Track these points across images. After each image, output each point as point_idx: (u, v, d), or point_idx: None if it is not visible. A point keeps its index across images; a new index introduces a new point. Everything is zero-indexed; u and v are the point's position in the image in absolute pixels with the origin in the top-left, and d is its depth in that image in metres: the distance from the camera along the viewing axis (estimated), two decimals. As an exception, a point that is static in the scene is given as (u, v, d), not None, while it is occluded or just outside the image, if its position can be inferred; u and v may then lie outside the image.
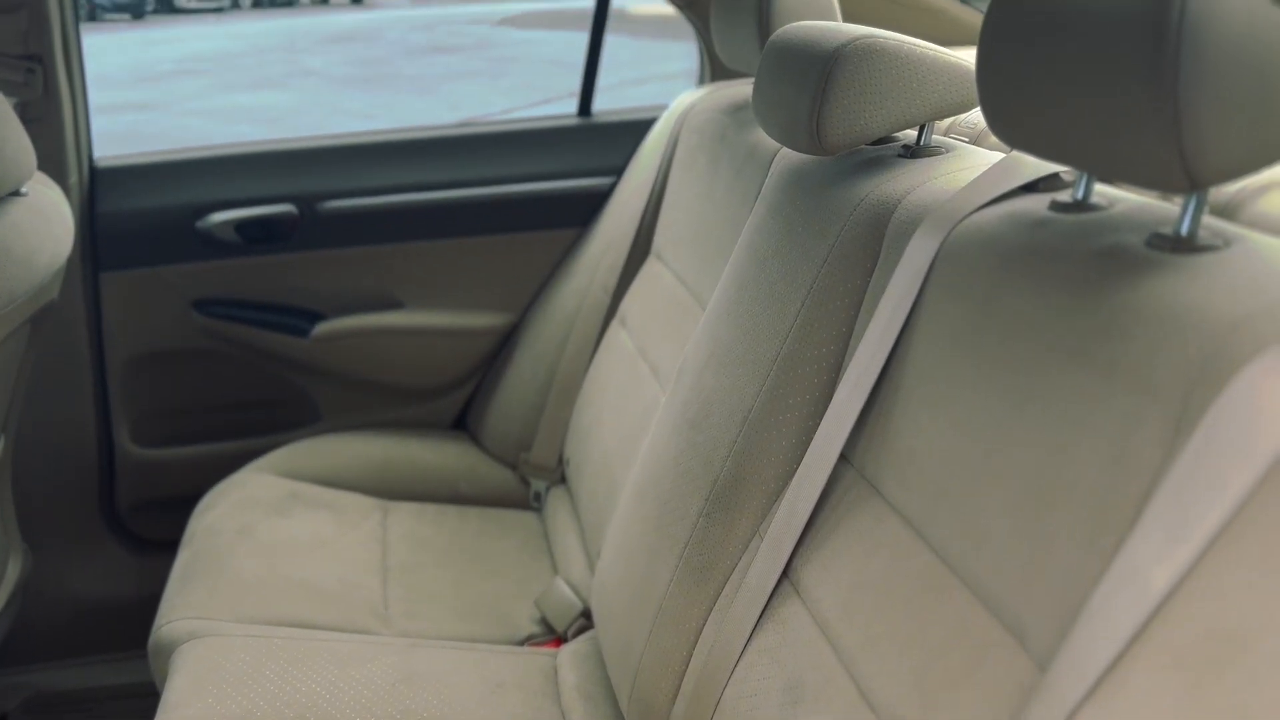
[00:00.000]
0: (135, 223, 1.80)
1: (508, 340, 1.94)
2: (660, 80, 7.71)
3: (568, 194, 1.91)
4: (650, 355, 1.48)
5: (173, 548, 1.64)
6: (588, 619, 1.41)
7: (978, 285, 0.81)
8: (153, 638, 1.35)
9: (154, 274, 1.82)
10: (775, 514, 1.00)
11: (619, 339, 1.62)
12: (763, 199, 1.19)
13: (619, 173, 1.90)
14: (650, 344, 1.49)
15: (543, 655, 1.35)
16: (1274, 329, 0.59)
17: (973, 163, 1.00)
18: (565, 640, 1.40)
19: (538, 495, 1.77)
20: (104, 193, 1.79)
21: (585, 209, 1.91)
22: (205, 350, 1.88)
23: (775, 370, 1.03)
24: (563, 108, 2.07)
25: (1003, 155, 0.94)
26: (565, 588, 1.45)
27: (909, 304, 0.88)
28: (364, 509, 1.65)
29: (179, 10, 14.01)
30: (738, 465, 1.04)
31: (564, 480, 1.74)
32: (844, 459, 0.94)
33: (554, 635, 1.43)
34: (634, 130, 1.92)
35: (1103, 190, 0.82)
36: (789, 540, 0.95)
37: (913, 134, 1.09)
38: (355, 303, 1.90)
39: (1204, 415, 0.59)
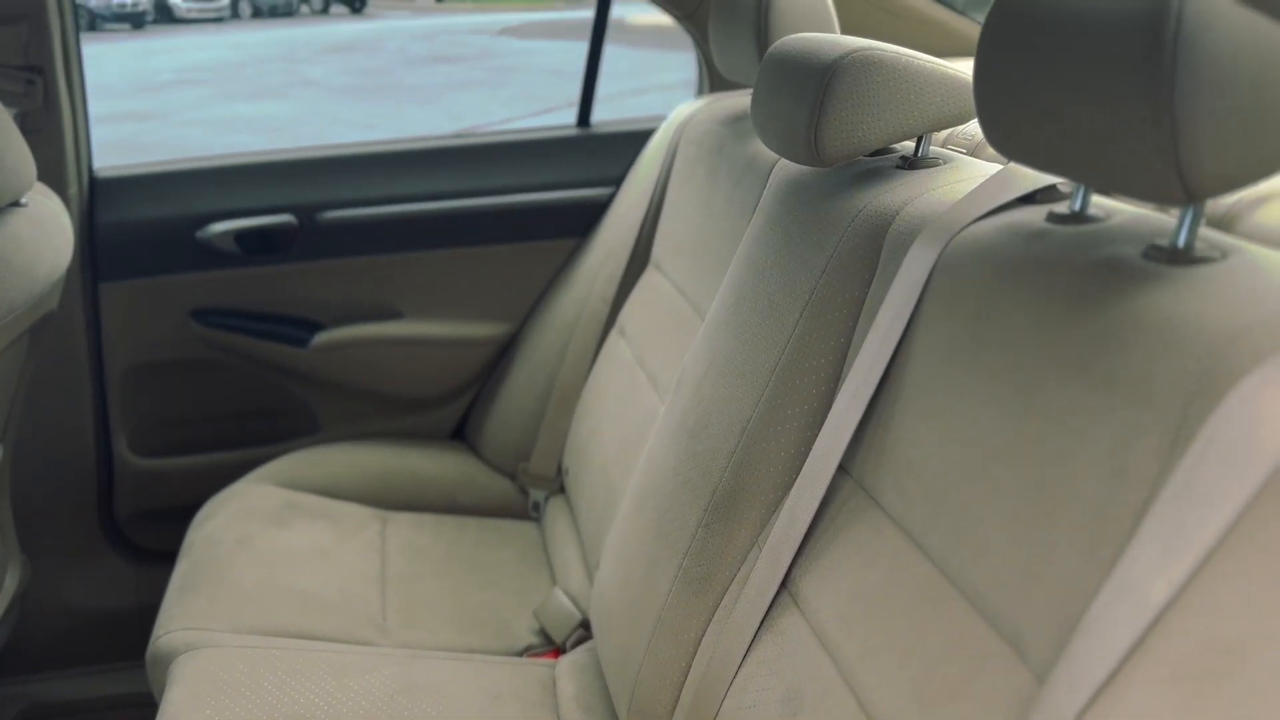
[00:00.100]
0: (135, 233, 1.80)
1: (506, 350, 1.95)
2: (659, 91, 7.73)
3: (567, 204, 1.91)
4: (649, 365, 1.48)
5: (171, 558, 1.64)
6: (586, 629, 1.41)
7: (975, 296, 0.81)
8: (151, 648, 1.34)
9: (153, 284, 1.82)
10: (774, 524, 1.00)
11: (618, 349, 1.62)
12: (761, 210, 1.19)
13: (618, 183, 1.91)
14: (649, 354, 1.50)
15: (541, 666, 1.35)
16: (1271, 341, 0.59)
17: (970, 174, 1.01)
18: (564, 651, 1.40)
19: (536, 505, 1.77)
20: (104, 203, 1.79)
21: (584, 219, 1.91)
22: (204, 360, 1.88)
23: (774, 381, 1.03)
24: (563, 117, 2.07)
25: (1000, 167, 0.94)
26: (564, 598, 1.45)
27: (907, 315, 0.88)
28: (362, 519, 1.65)
29: (179, 20, 14.04)
30: (736, 475, 1.04)
31: (563, 490, 1.74)
32: (842, 469, 0.94)
33: (552, 646, 1.43)
34: (633, 141, 1.92)
35: (1100, 202, 0.82)
36: (788, 551, 0.95)
37: (910, 145, 1.09)
38: (354, 313, 1.90)
39: (1202, 427, 0.59)
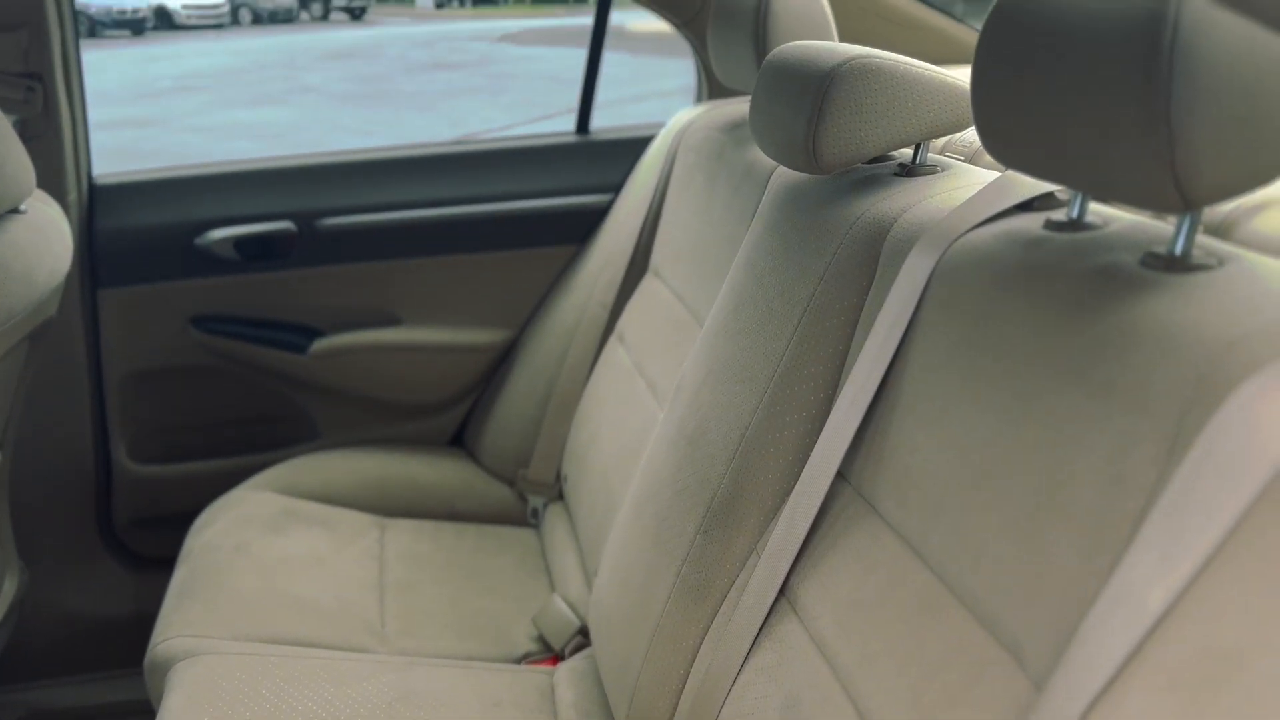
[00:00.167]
0: (134, 239, 1.80)
1: (506, 357, 1.95)
2: (658, 97, 7.74)
3: (566, 211, 1.92)
4: (648, 372, 1.48)
5: (169, 565, 1.64)
6: (585, 637, 1.41)
7: (973, 304, 0.81)
8: (149, 655, 1.34)
9: (152, 290, 1.82)
10: (772, 531, 1.00)
11: (617, 355, 1.62)
12: (759, 217, 1.19)
13: (617, 190, 1.91)
14: (648, 360, 1.50)
15: (540, 673, 1.34)
16: (1268, 349, 0.59)
17: (968, 181, 1.01)
18: (562, 658, 1.40)
19: (535, 512, 1.76)
20: (103, 209, 1.79)
21: (583, 226, 1.92)
22: (203, 367, 1.88)
23: (772, 387, 1.03)
24: (562, 123, 2.08)
25: (998, 174, 0.94)
26: (562, 605, 1.45)
27: (905, 322, 0.88)
28: (361, 526, 1.65)
29: (179, 27, 14.05)
30: (735, 482, 1.04)
31: (561, 497, 1.74)
32: (841, 476, 0.94)
33: (551, 653, 1.42)
34: (632, 148, 1.92)
35: (1097, 209, 0.82)
36: (786, 558, 0.95)
37: (908, 153, 1.10)
38: (353, 319, 1.90)
39: (1199, 434, 0.59)
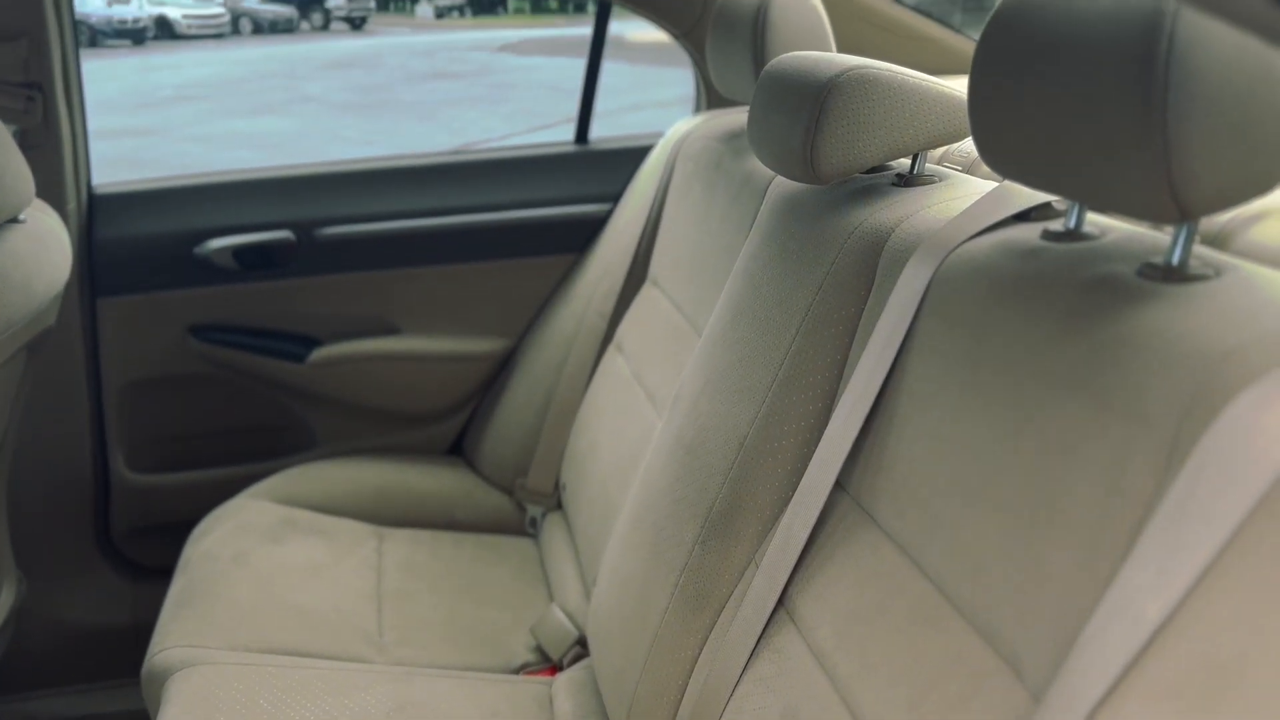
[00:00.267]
0: (133, 248, 1.80)
1: (504, 366, 1.95)
2: (656, 107, 7.75)
3: (564, 220, 1.92)
4: (646, 381, 1.48)
5: (168, 574, 1.63)
6: (583, 647, 1.40)
7: (970, 314, 0.81)
8: (146, 666, 1.34)
9: (151, 300, 1.82)
10: (771, 541, 1.00)
11: (615, 364, 1.62)
12: (758, 226, 1.20)
13: (615, 199, 1.91)
14: (646, 369, 1.50)
15: (538, 684, 1.34)
16: (1265, 359, 0.59)
17: (965, 192, 1.01)
18: (561, 668, 1.40)
19: (534, 521, 1.76)
20: (102, 219, 1.79)
21: (582, 235, 1.92)
22: (202, 376, 1.88)
23: (770, 397, 1.03)
24: (561, 133, 2.08)
25: (995, 184, 0.94)
26: (561, 615, 1.45)
27: (903, 332, 0.88)
28: (359, 535, 1.64)
29: (179, 36, 14.07)
30: (733, 492, 1.04)
31: (560, 506, 1.74)
32: (839, 486, 0.94)
33: (549, 663, 1.42)
34: (630, 157, 1.92)
35: (1094, 219, 0.83)
36: (784, 568, 0.95)
37: (906, 163, 1.10)
38: (352, 328, 1.90)
39: (1196, 445, 0.59)
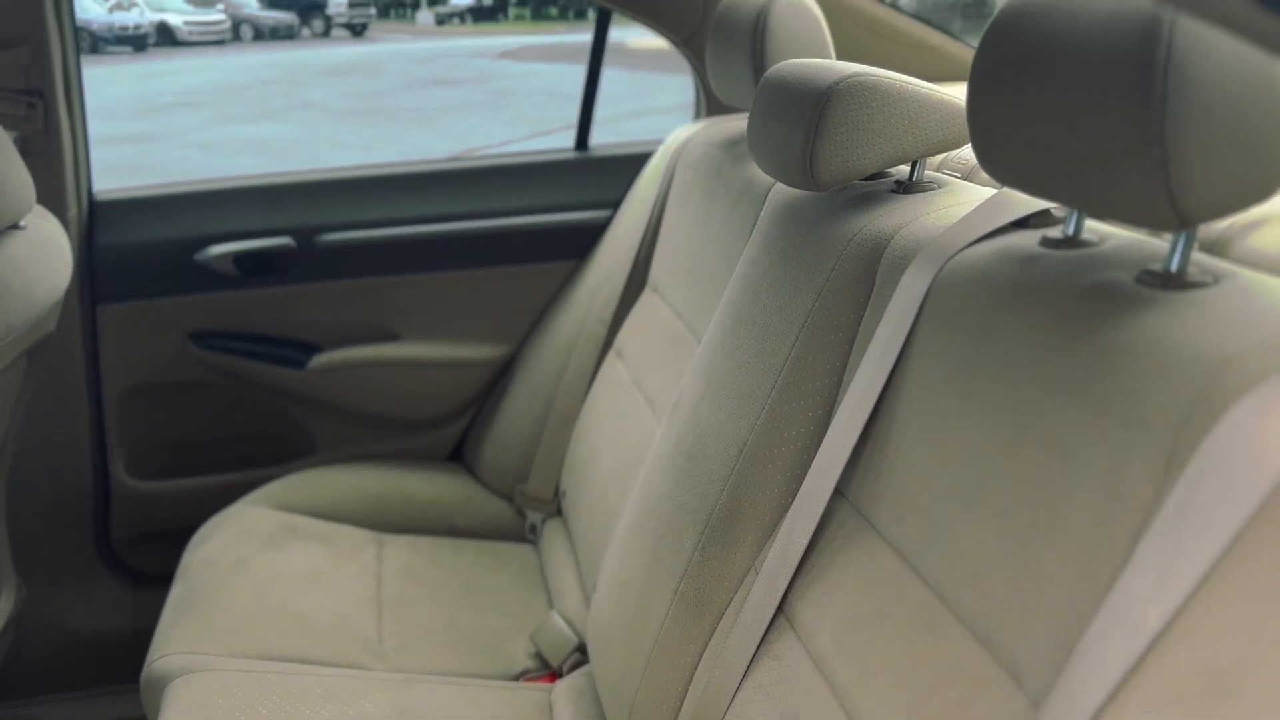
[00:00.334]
0: (133, 255, 1.80)
1: (504, 372, 1.95)
2: (656, 113, 7.76)
3: (564, 227, 1.92)
4: (646, 387, 1.48)
5: (167, 581, 1.63)
6: (583, 653, 1.40)
7: (970, 321, 0.81)
8: (145, 672, 1.34)
9: (151, 306, 1.82)
10: (770, 548, 1.00)
11: (615, 371, 1.62)
12: (757, 233, 1.20)
13: (615, 206, 1.91)
14: (646, 376, 1.50)
15: (538, 690, 1.34)
16: (1264, 366, 0.60)
17: (965, 198, 1.01)
18: (560, 675, 1.40)
19: (533, 527, 1.76)
20: (103, 225, 1.79)
21: (582, 242, 1.92)
22: (202, 382, 1.88)
23: (770, 403, 1.03)
24: (561, 139, 2.08)
25: (994, 191, 0.95)
26: (560, 622, 1.45)
27: (902, 339, 0.88)
28: (359, 542, 1.64)
29: (180, 43, 14.09)
30: (733, 498, 1.04)
31: (560, 512, 1.74)
32: (839, 493, 0.94)
33: (549, 670, 1.42)
34: (630, 164, 1.93)
35: (1093, 226, 0.83)
36: (784, 575, 0.94)
37: (905, 169, 1.10)
38: (352, 335, 1.90)
39: (1195, 451, 0.59)
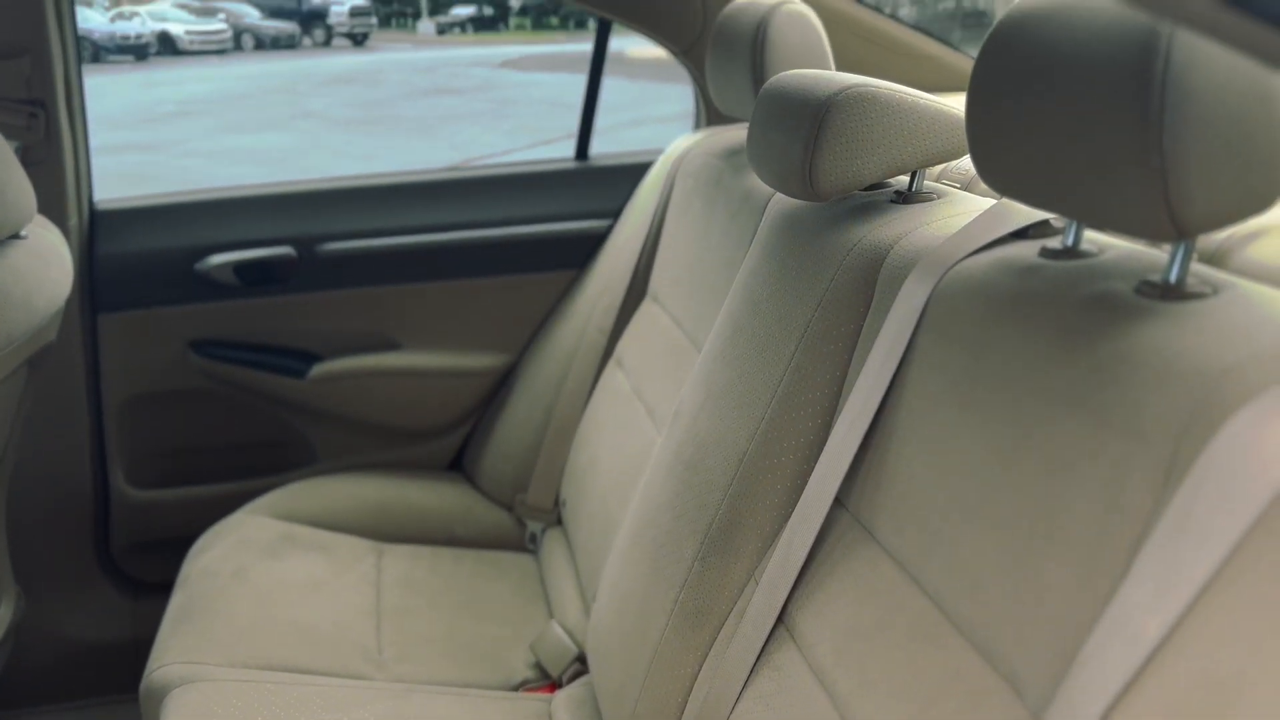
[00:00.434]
0: (134, 264, 1.80)
1: (504, 381, 1.95)
2: (656, 122, 7.78)
3: (565, 236, 1.92)
4: (646, 396, 1.48)
5: (167, 590, 1.63)
6: (583, 663, 1.40)
7: (969, 331, 0.81)
8: (144, 682, 1.33)
9: (152, 315, 1.82)
10: (770, 558, 0.99)
11: (615, 380, 1.62)
12: (757, 243, 1.20)
13: (616, 216, 1.92)
14: (646, 385, 1.50)
15: (537, 701, 1.34)
16: (1262, 376, 0.60)
17: (964, 209, 1.01)
18: (560, 685, 1.39)
19: (533, 537, 1.76)
20: (104, 234, 1.80)
21: (582, 251, 1.92)
22: (202, 391, 1.88)
23: (770, 413, 1.03)
24: (562, 148, 2.09)
25: (994, 202, 0.95)
26: (560, 632, 1.44)
27: (901, 349, 0.89)
28: (358, 551, 1.64)
29: (181, 52, 14.14)
30: (733, 508, 1.04)
31: (560, 522, 1.74)
32: (838, 503, 0.94)
33: (549, 680, 1.42)
34: (630, 174, 1.93)
35: (1092, 237, 0.83)
36: (784, 585, 0.94)
37: (905, 180, 1.10)
38: (352, 344, 1.90)
39: (1194, 462, 0.59)
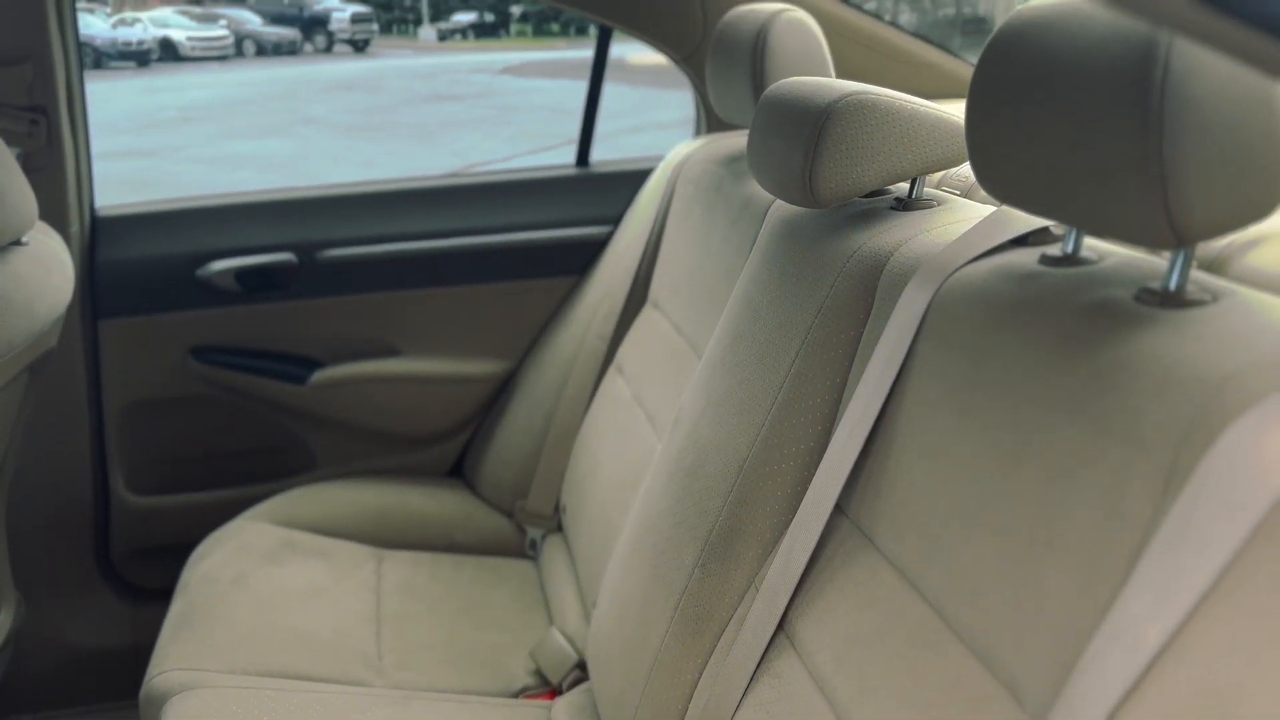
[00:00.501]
0: (135, 271, 1.81)
1: (505, 388, 1.95)
2: (656, 129, 7.79)
3: (565, 243, 1.92)
4: (646, 403, 1.48)
5: (167, 596, 1.63)
6: (583, 670, 1.40)
7: (969, 338, 0.81)
8: (144, 688, 1.33)
9: (153, 322, 1.82)
10: (771, 565, 0.99)
11: (615, 387, 1.62)
12: (757, 249, 1.20)
13: (616, 222, 1.92)
14: (647, 392, 1.50)
15: (537, 708, 1.33)
16: (1262, 384, 0.60)
17: (964, 216, 1.01)
18: (560, 692, 1.39)
19: (534, 543, 1.76)
20: (105, 241, 1.80)
21: (582, 258, 1.92)
22: (203, 398, 1.88)
23: (770, 420, 1.03)
24: (563, 154, 2.09)
25: (993, 209, 0.95)
26: (560, 638, 1.44)
27: (901, 356, 0.89)
28: (359, 558, 1.64)
29: (183, 58, 14.17)
30: (733, 515, 1.04)
31: (560, 528, 1.74)
32: (839, 509, 0.94)
33: (549, 687, 1.41)
34: (631, 180, 1.93)
35: (1092, 244, 0.83)
36: (784, 592, 0.94)
37: (905, 187, 1.10)
38: (353, 350, 1.91)
39: (1194, 469, 0.59)
